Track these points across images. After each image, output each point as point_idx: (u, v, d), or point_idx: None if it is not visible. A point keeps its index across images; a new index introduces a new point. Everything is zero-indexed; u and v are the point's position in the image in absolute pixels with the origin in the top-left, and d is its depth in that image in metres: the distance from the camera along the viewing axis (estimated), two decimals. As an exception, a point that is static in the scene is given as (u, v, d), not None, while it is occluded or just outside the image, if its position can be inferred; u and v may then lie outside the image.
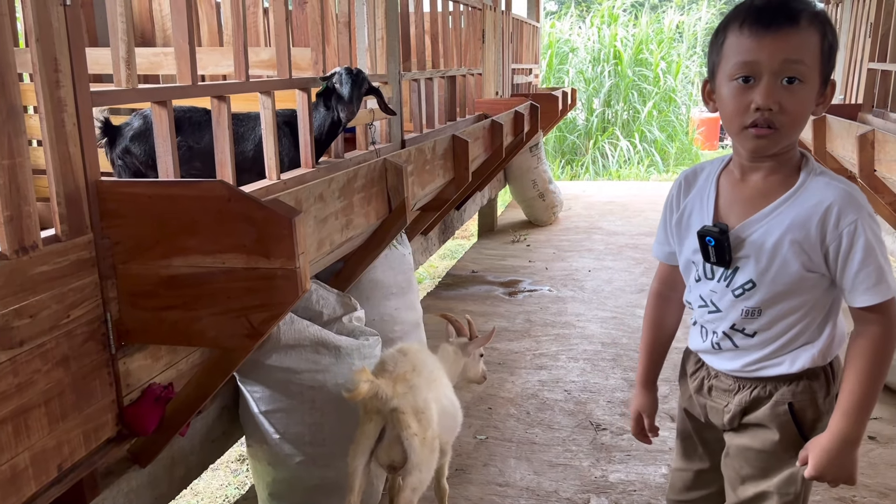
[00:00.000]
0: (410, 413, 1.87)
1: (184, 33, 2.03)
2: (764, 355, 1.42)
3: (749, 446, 1.47)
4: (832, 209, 1.30)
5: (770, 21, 1.25)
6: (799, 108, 1.28)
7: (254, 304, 1.66)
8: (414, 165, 2.75)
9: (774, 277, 1.36)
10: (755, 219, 1.37)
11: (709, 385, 1.52)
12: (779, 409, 1.42)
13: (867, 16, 5.11)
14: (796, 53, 1.26)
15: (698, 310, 1.51)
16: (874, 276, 1.29)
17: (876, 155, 3.42)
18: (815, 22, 1.27)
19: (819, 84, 1.30)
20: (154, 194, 1.66)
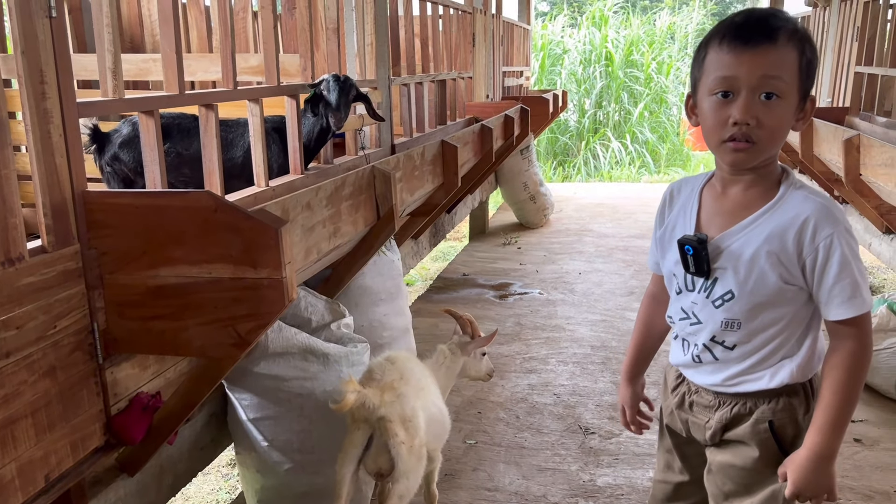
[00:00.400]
0: (398, 421, 1.88)
1: (171, 42, 2.03)
2: (743, 369, 1.43)
3: (731, 463, 1.48)
4: (809, 223, 1.32)
5: (748, 37, 1.28)
6: (776, 123, 1.30)
7: (240, 313, 1.67)
8: (402, 172, 2.76)
9: (753, 289, 1.37)
10: (734, 230, 1.39)
11: (690, 401, 1.54)
12: (759, 427, 1.43)
13: (854, 20, 5.15)
14: (774, 70, 1.28)
15: (679, 323, 1.52)
16: (849, 290, 1.30)
17: (861, 159, 3.45)
18: (793, 39, 1.29)
19: (798, 99, 1.32)
20: (141, 205, 1.67)
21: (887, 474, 2.75)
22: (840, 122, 5.06)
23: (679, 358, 1.55)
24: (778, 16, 1.31)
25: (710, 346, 1.46)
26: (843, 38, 5.38)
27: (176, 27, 2.03)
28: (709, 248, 1.40)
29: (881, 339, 3.37)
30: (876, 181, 3.32)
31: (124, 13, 3.89)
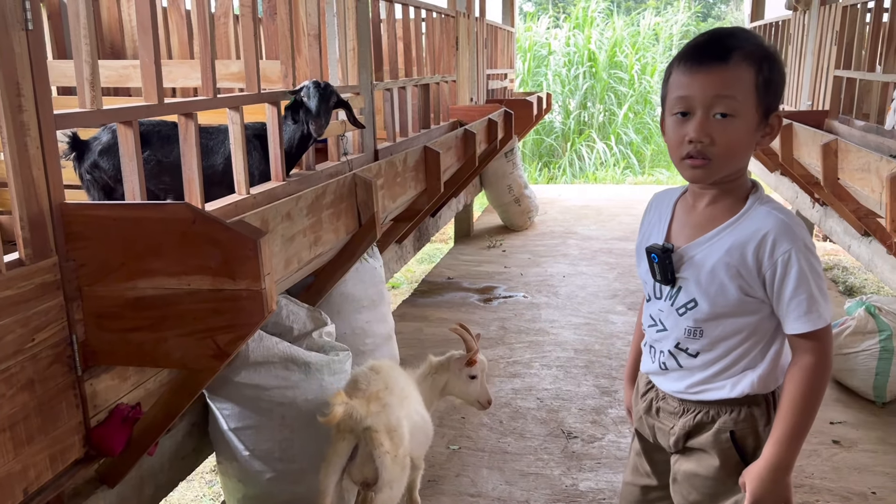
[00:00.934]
0: (383, 431, 1.90)
1: (149, 51, 2.03)
2: (706, 377, 1.46)
3: (695, 472, 1.51)
4: (768, 238, 1.34)
5: (702, 59, 1.33)
6: (730, 141, 1.33)
7: (220, 325, 1.67)
8: (384, 179, 2.76)
9: (714, 299, 1.41)
10: (698, 241, 1.43)
11: (657, 406, 1.57)
12: (721, 437, 1.46)
13: (833, 24, 5.21)
14: (726, 89, 1.31)
15: (648, 329, 1.56)
16: (805, 305, 1.33)
17: (839, 163, 3.49)
18: (748, 58, 1.32)
19: (757, 117, 1.34)
20: (119, 217, 1.67)
21: (865, 476, 2.78)
22: (820, 126, 5.11)
23: (648, 365, 1.58)
24: (736, 35, 1.34)
25: (675, 353, 1.49)
26: (823, 42, 5.44)
27: (154, 36, 2.03)
28: (674, 258, 1.44)
29: (859, 341, 3.41)
30: (853, 185, 3.36)
31: (104, 19, 3.87)
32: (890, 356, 3.32)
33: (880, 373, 3.34)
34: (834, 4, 5.31)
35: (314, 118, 2.70)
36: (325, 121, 2.69)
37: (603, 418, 3.24)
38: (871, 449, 2.98)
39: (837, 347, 3.49)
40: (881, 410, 3.31)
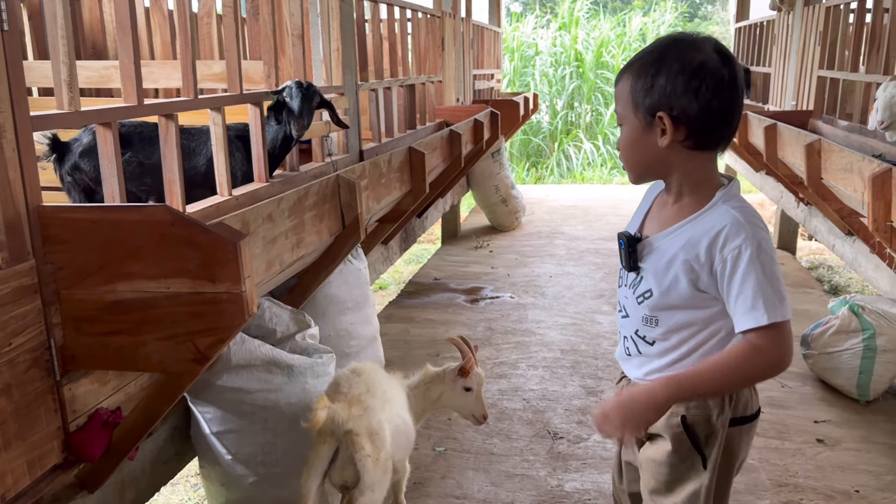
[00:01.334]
0: (364, 435, 1.88)
1: (129, 52, 2.01)
2: (662, 365, 1.49)
3: (652, 458, 1.53)
4: (721, 234, 1.36)
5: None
6: (623, 145, 1.47)
7: (200, 328, 1.66)
8: (368, 180, 2.75)
9: (667, 290, 1.44)
10: (661, 234, 1.47)
11: None
12: (672, 421, 1.48)
13: (816, 24, 5.23)
14: (617, 105, 1.48)
15: (618, 315, 1.61)
16: (749, 302, 1.32)
17: (822, 163, 3.51)
18: (627, 71, 1.43)
19: (640, 120, 1.41)
20: (97, 219, 1.65)
21: (848, 474, 2.80)
22: (804, 125, 5.14)
23: (619, 352, 1.63)
24: (639, 55, 1.43)
25: (635, 340, 1.54)
26: (807, 42, 5.47)
27: (134, 36, 2.01)
28: (640, 247, 1.49)
29: (843, 339, 3.43)
30: (836, 185, 3.38)
31: (86, 18, 3.84)
32: (873, 355, 3.34)
33: (864, 371, 3.36)
34: (817, 5, 5.34)
35: (296, 119, 2.69)
36: (308, 121, 2.68)
37: (589, 419, 3.24)
38: (855, 447, 2.99)
39: (821, 346, 3.51)
40: (864, 409, 3.33)
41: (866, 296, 3.62)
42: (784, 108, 5.93)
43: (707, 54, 1.36)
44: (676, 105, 1.36)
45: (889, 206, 2.66)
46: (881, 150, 3.87)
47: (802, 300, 4.87)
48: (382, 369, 2.30)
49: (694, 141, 1.39)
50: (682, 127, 1.37)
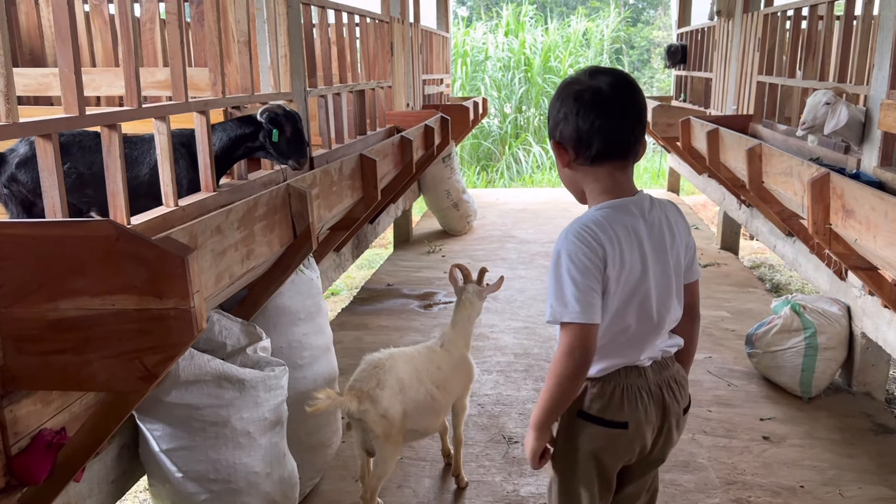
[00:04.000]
0: (373, 421, 2.34)
1: (69, 62, 1.95)
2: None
3: None
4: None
5: None
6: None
7: (147, 345, 1.61)
8: (320, 188, 2.73)
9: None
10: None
11: None
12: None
13: (755, 31, 5.39)
14: None
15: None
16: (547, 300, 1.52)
17: (763, 167, 3.61)
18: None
19: (553, 150, 1.59)
20: (37, 235, 1.59)
21: (793, 470, 2.88)
22: (745, 130, 5.28)
23: None
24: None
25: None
26: (746, 48, 5.62)
27: (74, 45, 1.95)
28: None
29: (786, 338, 3.53)
30: (777, 188, 3.48)
31: (23, 24, 3.71)
32: (815, 353, 3.45)
33: (806, 369, 3.47)
34: (756, 12, 5.50)
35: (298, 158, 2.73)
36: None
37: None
38: (799, 444, 3.08)
39: (765, 345, 3.61)
40: (807, 405, 3.44)
41: (807, 295, 3.74)
42: (725, 113, 6.08)
43: (580, 82, 1.51)
44: (559, 131, 1.54)
45: (827, 210, 2.75)
46: (819, 153, 4.00)
47: (746, 300, 5.01)
48: (408, 352, 2.62)
49: (580, 158, 1.52)
50: (568, 148, 1.53)
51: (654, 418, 1.58)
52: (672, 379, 1.61)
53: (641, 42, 20.74)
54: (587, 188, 1.57)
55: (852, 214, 2.56)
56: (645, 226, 1.53)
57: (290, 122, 2.80)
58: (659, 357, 1.60)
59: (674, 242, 1.57)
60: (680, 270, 1.59)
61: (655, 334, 1.57)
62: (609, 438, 1.57)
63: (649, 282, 1.52)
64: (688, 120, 5.33)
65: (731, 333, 4.34)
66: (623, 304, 1.52)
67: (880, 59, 3.28)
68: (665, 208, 1.59)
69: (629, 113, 1.49)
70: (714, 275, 5.63)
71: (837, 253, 2.77)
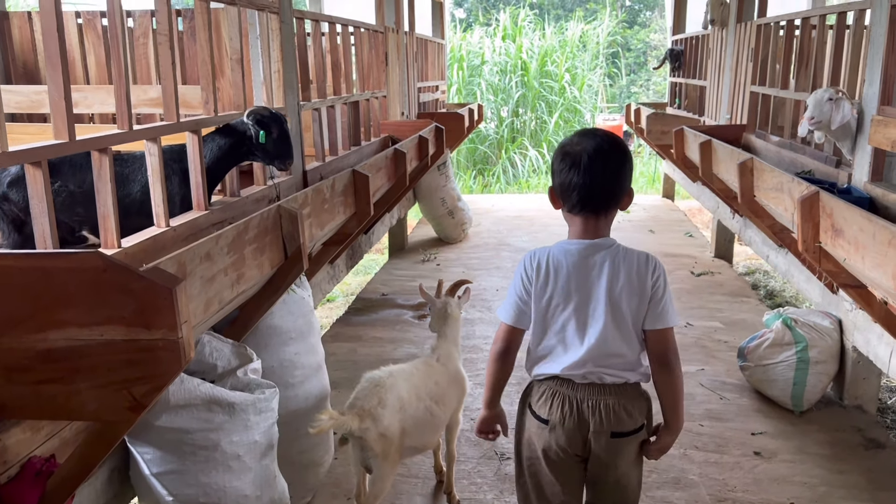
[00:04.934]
0: (372, 440, 2.35)
1: (59, 87, 1.96)
2: None
3: None
4: None
5: None
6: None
7: (135, 376, 1.62)
8: (311, 207, 2.73)
9: None
10: None
11: None
12: None
13: (749, 41, 5.41)
14: None
15: None
16: None
17: (755, 181, 3.62)
18: None
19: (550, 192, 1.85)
20: (26, 267, 1.60)
21: (784, 487, 2.89)
22: (738, 140, 5.30)
23: None
24: None
25: None
26: (740, 58, 5.64)
27: (65, 71, 1.96)
28: None
29: (777, 352, 3.54)
30: (768, 203, 3.50)
31: (16, 38, 3.72)
32: (806, 367, 3.46)
33: (797, 383, 3.48)
34: (749, 22, 5.52)
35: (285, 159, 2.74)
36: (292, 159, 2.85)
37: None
38: (790, 459, 3.09)
39: (757, 359, 3.62)
40: (798, 419, 3.45)
41: (799, 309, 3.76)
42: (719, 122, 6.10)
43: (571, 143, 1.76)
44: (553, 181, 1.81)
45: (817, 228, 2.76)
46: (811, 166, 4.02)
47: (739, 310, 5.02)
48: (407, 369, 2.63)
49: (565, 206, 1.80)
50: (557, 196, 1.81)
51: (573, 426, 1.77)
52: (605, 403, 1.77)
53: (638, 44, 20.77)
54: (568, 227, 1.84)
55: (841, 234, 2.57)
56: (584, 267, 1.76)
57: (276, 123, 2.80)
58: (596, 380, 1.77)
59: (619, 286, 1.74)
60: (624, 313, 1.75)
61: (582, 358, 1.76)
62: (538, 429, 1.85)
63: (568, 312, 1.76)
64: (681, 130, 5.35)
65: (724, 345, 4.35)
66: (540, 323, 1.81)
67: (871, 74, 3.30)
68: (628, 256, 1.77)
69: (605, 175, 1.72)
70: (707, 284, 5.64)
71: (828, 270, 2.78)
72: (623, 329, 1.76)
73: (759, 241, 4.98)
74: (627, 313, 1.75)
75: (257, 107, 2.82)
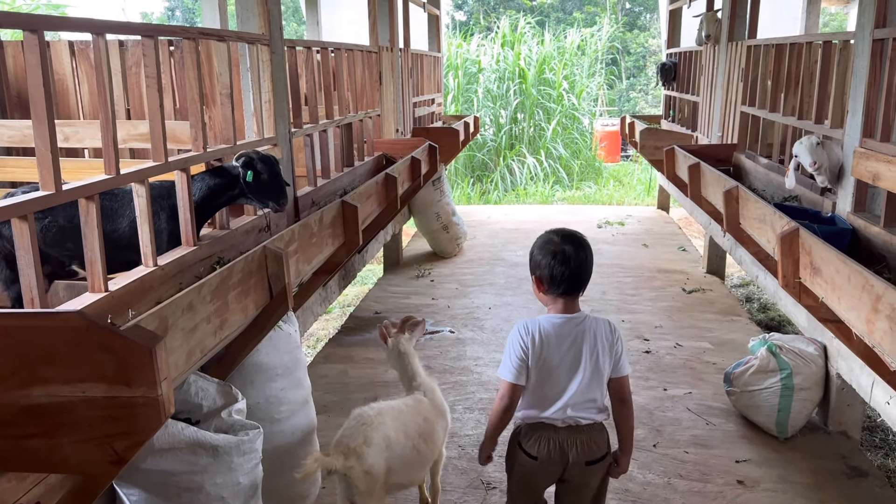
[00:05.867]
0: (357, 478, 2.41)
1: (45, 140, 2.00)
2: None
3: None
4: None
5: None
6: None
7: (116, 431, 1.66)
8: (298, 243, 2.77)
9: None
10: None
11: None
12: None
13: (739, 60, 5.44)
14: None
15: None
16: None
17: (740, 210, 3.66)
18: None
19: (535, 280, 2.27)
20: (10, 326, 1.64)
21: (765, 517, 2.93)
22: (728, 159, 5.34)
23: None
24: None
25: None
26: (731, 76, 5.68)
27: (51, 124, 2.00)
28: None
29: (762, 379, 3.58)
30: (753, 233, 3.53)
31: (10, 67, 3.76)
32: (790, 393, 3.50)
33: (782, 409, 3.52)
34: (740, 42, 5.55)
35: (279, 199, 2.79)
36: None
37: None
38: (772, 488, 3.13)
39: (743, 385, 3.66)
40: (783, 446, 3.49)
41: (784, 335, 3.79)
42: (711, 139, 6.14)
43: (555, 243, 2.20)
44: (539, 271, 2.23)
45: (797, 264, 2.80)
46: (796, 192, 4.06)
47: (728, 329, 5.05)
48: (396, 406, 2.67)
49: (550, 290, 2.21)
50: (543, 283, 2.22)
51: (557, 460, 2.23)
52: (580, 440, 2.24)
53: (637, 48, 20.81)
54: (548, 305, 2.26)
55: (819, 272, 2.61)
56: (570, 336, 2.21)
57: (266, 165, 2.85)
58: (572, 422, 2.23)
59: (595, 348, 2.21)
60: (600, 367, 2.22)
61: (563, 401, 2.20)
62: (527, 462, 2.28)
63: (561, 369, 2.20)
64: (672, 150, 5.39)
65: (713, 367, 4.39)
66: (538, 379, 2.21)
67: (854, 105, 3.34)
68: (597, 325, 2.25)
69: (582, 268, 2.19)
70: (698, 301, 5.68)
71: (807, 305, 2.82)
72: (597, 379, 2.24)
73: (748, 261, 5.01)
74: (602, 366, 2.23)
75: (247, 150, 2.87)
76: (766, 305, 6.08)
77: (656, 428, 3.65)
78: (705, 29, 6.38)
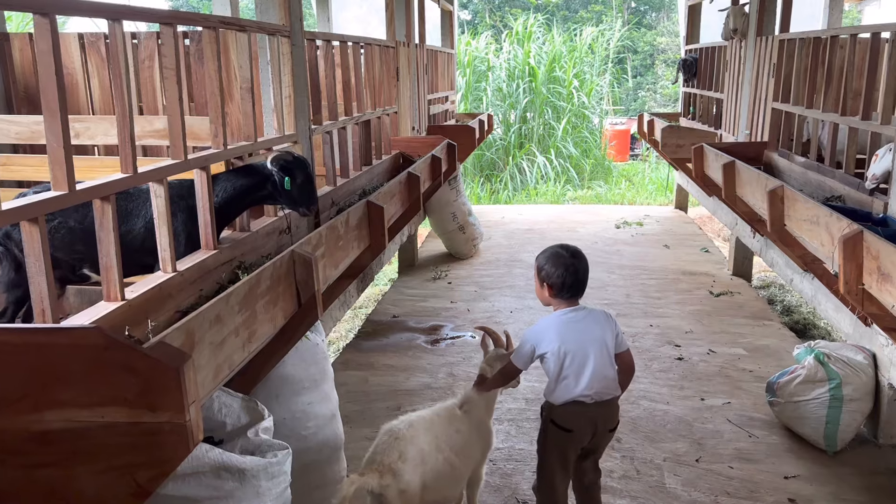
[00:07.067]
0: (392, 497, 2.31)
1: (58, 136, 1.83)
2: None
3: None
4: None
5: None
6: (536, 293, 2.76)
7: (139, 461, 1.49)
8: (325, 247, 2.59)
9: None
10: None
11: None
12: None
13: (770, 56, 5.25)
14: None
15: None
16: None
17: (786, 210, 3.47)
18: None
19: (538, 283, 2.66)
20: (21, 343, 1.46)
21: (823, 540, 2.74)
22: (759, 157, 5.15)
23: None
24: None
25: None
26: (760, 73, 5.48)
27: (64, 118, 1.83)
28: None
29: (809, 389, 3.39)
30: (801, 235, 3.34)
31: (17, 60, 3.58)
32: (840, 404, 3.31)
33: (830, 421, 3.33)
34: (771, 37, 5.36)
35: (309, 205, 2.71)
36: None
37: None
38: (827, 508, 2.95)
39: (788, 395, 3.47)
40: (832, 461, 3.30)
41: (831, 343, 3.60)
42: (738, 136, 5.94)
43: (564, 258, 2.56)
44: (549, 279, 2.57)
45: (860, 269, 2.61)
46: (840, 191, 3.87)
47: (761, 334, 4.86)
48: (427, 417, 2.58)
49: (559, 294, 2.56)
50: (554, 289, 2.56)
51: (588, 430, 2.56)
52: (604, 412, 2.57)
53: (645, 47, 20.59)
54: (555, 305, 2.60)
55: (889, 279, 2.42)
56: (581, 323, 2.54)
57: (301, 169, 2.72)
58: (598, 398, 2.52)
59: (603, 330, 2.54)
60: (608, 347, 2.54)
61: (587, 380, 2.49)
62: (563, 436, 2.56)
63: (575, 356, 2.49)
64: (701, 147, 5.20)
65: (749, 374, 4.20)
66: (558, 366, 2.50)
67: (909, 100, 3.15)
68: (595, 314, 2.58)
69: (585, 276, 2.58)
70: (727, 305, 5.49)
71: (871, 313, 2.63)
72: (608, 357, 2.55)
73: (781, 264, 4.82)
74: (609, 347, 2.55)
75: (280, 152, 2.71)
76: (789, 308, 5.89)
77: (697, 441, 3.46)
78: (732, 23, 6.18)
